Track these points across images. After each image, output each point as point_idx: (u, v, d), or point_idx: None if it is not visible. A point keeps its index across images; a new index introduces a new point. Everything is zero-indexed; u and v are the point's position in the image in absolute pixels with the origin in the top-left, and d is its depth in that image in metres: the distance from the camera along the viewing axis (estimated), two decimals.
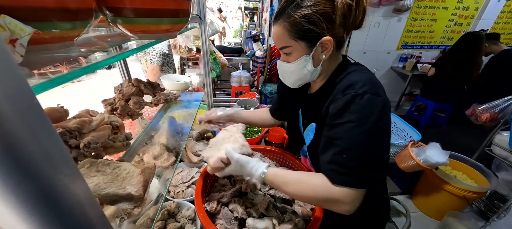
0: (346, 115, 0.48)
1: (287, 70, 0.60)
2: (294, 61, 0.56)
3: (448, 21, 2.90)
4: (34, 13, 0.24)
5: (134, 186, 0.40)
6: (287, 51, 0.56)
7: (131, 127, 0.99)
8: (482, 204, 1.55)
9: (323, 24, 0.50)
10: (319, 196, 0.49)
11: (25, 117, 0.13)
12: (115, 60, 0.35)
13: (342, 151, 0.47)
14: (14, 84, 0.12)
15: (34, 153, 0.13)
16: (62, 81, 0.21)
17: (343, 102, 0.49)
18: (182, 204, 0.85)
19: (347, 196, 0.47)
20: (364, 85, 0.49)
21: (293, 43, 0.53)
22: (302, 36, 0.52)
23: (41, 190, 0.14)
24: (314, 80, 0.63)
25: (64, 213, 0.15)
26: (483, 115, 1.51)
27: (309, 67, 0.56)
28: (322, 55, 0.55)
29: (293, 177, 0.54)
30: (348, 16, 0.50)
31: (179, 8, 0.44)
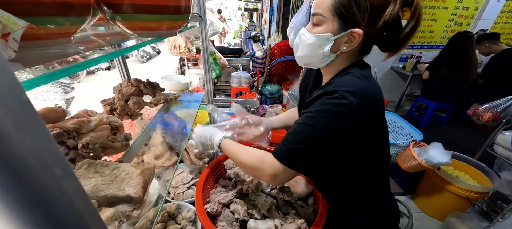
0: (312, 106, 0.51)
1: (305, 41, 0.56)
2: (317, 34, 0.53)
3: (448, 21, 2.90)
4: (28, 6, 0.23)
5: (133, 187, 0.39)
6: (318, 20, 0.52)
7: (131, 127, 0.97)
8: (484, 205, 1.53)
9: (365, 16, 0.47)
10: (252, 161, 0.57)
11: (14, 113, 0.12)
12: (112, 57, 0.34)
13: (292, 133, 0.52)
14: (2, 79, 0.11)
15: (24, 152, 0.12)
16: (55, 77, 0.20)
17: (314, 96, 0.52)
18: (182, 205, 0.84)
19: (273, 167, 0.53)
20: (340, 86, 0.48)
21: (329, 15, 0.50)
22: (340, 14, 0.49)
23: (32, 192, 0.13)
24: (324, 69, 0.63)
25: (57, 217, 0.14)
26: (485, 115, 1.50)
27: (326, 50, 0.53)
28: (343, 47, 0.52)
29: (241, 148, 0.63)
30: (391, 25, 0.48)
31: (180, 4, 0.43)
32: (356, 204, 0.66)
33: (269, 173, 0.54)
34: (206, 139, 0.70)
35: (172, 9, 0.42)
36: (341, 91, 0.47)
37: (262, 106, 2.14)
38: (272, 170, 0.53)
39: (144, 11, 0.38)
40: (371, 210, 0.66)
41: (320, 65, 0.59)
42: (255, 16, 6.85)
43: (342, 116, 0.47)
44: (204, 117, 1.61)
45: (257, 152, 0.59)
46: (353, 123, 0.48)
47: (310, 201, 0.74)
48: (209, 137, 0.70)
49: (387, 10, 0.46)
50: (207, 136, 0.70)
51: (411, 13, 0.48)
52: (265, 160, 0.55)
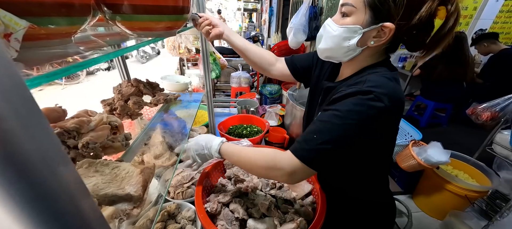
0: (339, 104, 0.47)
1: (330, 33, 0.53)
2: (344, 25, 0.50)
3: None
4: (29, 7, 0.23)
5: (133, 186, 0.39)
6: (347, 10, 0.49)
7: (130, 127, 0.98)
8: (483, 204, 1.54)
9: (400, 11, 0.44)
10: (266, 162, 0.52)
11: (19, 112, 0.12)
12: (112, 57, 0.35)
13: (315, 131, 0.48)
14: (6, 77, 0.12)
15: (28, 149, 0.12)
16: (57, 76, 0.21)
17: (344, 93, 0.47)
18: (182, 205, 0.84)
19: (292, 164, 0.49)
20: (373, 86, 0.45)
21: (360, 6, 0.47)
22: (373, 5, 0.46)
23: (35, 188, 0.13)
24: (345, 63, 0.59)
25: (59, 213, 0.15)
26: (484, 114, 1.51)
27: (352, 42, 0.50)
28: (371, 41, 0.49)
29: (246, 149, 0.58)
30: (422, 25, 0.46)
31: (179, 4, 0.44)
32: (357, 200, 0.66)
33: (287, 171, 0.49)
34: (203, 149, 0.65)
35: (171, 9, 0.43)
36: (376, 93, 0.44)
37: (262, 106, 2.14)
38: (290, 168, 0.49)
39: (143, 11, 0.39)
40: (370, 207, 0.67)
41: (343, 59, 0.55)
42: (255, 17, 6.86)
43: (374, 119, 0.44)
44: (204, 117, 1.61)
45: (267, 151, 0.55)
46: (382, 126, 0.47)
47: (309, 200, 0.75)
48: (205, 145, 0.65)
49: (425, 6, 0.44)
50: (202, 145, 0.65)
51: (450, 12, 0.45)
52: (280, 158, 0.51)
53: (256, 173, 0.61)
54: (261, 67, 0.83)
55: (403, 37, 0.49)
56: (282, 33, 4.02)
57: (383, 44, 0.50)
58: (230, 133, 1.59)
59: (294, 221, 0.65)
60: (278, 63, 0.83)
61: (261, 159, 0.54)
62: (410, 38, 0.49)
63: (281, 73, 0.82)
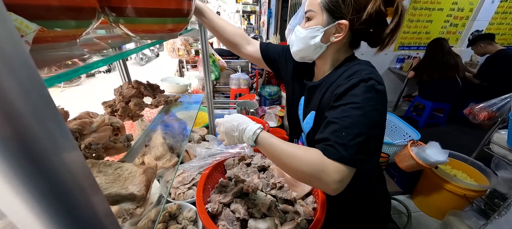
0: (349, 96, 0.50)
1: (299, 36, 0.62)
2: (308, 27, 0.58)
3: (444, 22, 2.94)
4: (39, 10, 0.24)
5: (136, 186, 0.40)
6: (309, 15, 0.58)
7: (131, 129, 0.98)
8: (482, 203, 1.55)
9: (350, 9, 0.53)
10: (311, 169, 0.47)
11: (37, 110, 0.13)
12: (118, 59, 0.35)
13: (341, 128, 0.47)
14: (28, 77, 0.12)
15: (47, 148, 0.13)
16: (72, 75, 0.21)
17: (347, 86, 0.51)
18: (183, 205, 0.85)
19: (339, 172, 0.46)
20: (369, 73, 0.52)
21: (318, 10, 0.56)
22: (328, 8, 0.55)
23: (52, 184, 0.14)
24: (318, 62, 0.67)
25: (75, 210, 0.15)
26: (481, 114, 1.53)
27: (317, 40, 0.58)
28: (333, 37, 0.58)
29: (287, 146, 0.51)
30: (375, 20, 0.54)
31: (182, 8, 0.45)
32: (356, 194, 0.67)
33: (335, 179, 0.45)
34: (234, 130, 0.57)
35: (173, 12, 0.43)
36: (374, 78, 0.50)
37: (261, 108, 2.15)
38: (338, 175, 0.45)
39: (146, 14, 0.40)
40: (369, 206, 0.67)
41: (314, 56, 0.63)
42: (253, 18, 6.89)
43: (382, 100, 0.50)
44: (204, 118, 1.62)
45: (317, 155, 0.48)
46: (386, 106, 0.51)
47: (310, 200, 0.75)
48: (237, 126, 0.56)
49: (369, 4, 0.52)
50: (234, 126, 0.57)
51: (394, 9, 0.54)
52: (328, 165, 0.46)
53: (296, 177, 0.54)
54: (230, 44, 0.85)
55: (361, 33, 0.58)
56: (280, 34, 4.04)
57: (344, 38, 0.57)
58: None
59: (294, 220, 0.65)
60: (251, 46, 0.86)
61: (308, 164, 0.47)
62: (368, 35, 0.59)
63: (251, 55, 0.85)
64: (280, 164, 0.54)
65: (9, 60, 0.11)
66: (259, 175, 0.84)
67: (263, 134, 0.54)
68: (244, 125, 0.56)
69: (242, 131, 0.56)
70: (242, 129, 0.56)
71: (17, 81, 0.12)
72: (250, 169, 0.86)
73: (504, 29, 3.15)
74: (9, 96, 0.11)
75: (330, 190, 0.47)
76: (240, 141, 0.57)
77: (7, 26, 0.12)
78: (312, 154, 0.49)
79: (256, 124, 0.56)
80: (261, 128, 0.55)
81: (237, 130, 0.57)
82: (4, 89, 0.11)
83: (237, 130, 0.57)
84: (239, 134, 0.56)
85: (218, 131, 0.62)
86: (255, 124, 0.56)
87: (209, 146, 1.04)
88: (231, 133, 0.58)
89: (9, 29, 0.12)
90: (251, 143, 0.54)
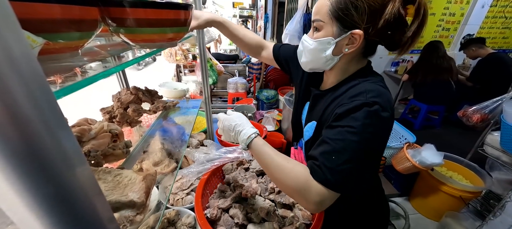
0: (349, 119, 0.46)
1: (307, 47, 0.57)
2: (318, 39, 0.53)
3: (436, 26, 3.01)
4: (43, 24, 0.25)
5: (136, 193, 0.40)
6: (318, 25, 0.53)
7: (130, 135, 0.98)
8: (478, 204, 1.57)
9: (364, 17, 0.47)
10: (294, 185, 0.47)
11: (46, 117, 0.13)
12: (120, 69, 0.36)
13: (333, 151, 0.46)
14: (37, 86, 0.13)
15: (54, 154, 0.14)
16: (81, 86, 0.22)
17: (349, 107, 0.47)
18: (182, 211, 0.84)
19: (320, 194, 0.45)
20: (375, 96, 0.47)
21: (327, 19, 0.51)
22: (338, 17, 0.49)
23: (58, 190, 0.15)
24: (327, 71, 0.62)
25: (79, 215, 0.16)
26: (474, 116, 1.56)
27: (328, 53, 0.53)
28: (345, 49, 0.52)
29: (278, 157, 0.51)
30: (392, 25, 0.48)
31: (181, 17, 0.46)
32: (354, 201, 0.68)
33: (315, 200, 0.45)
34: (230, 130, 0.58)
35: (173, 22, 0.44)
36: (381, 103, 0.46)
37: (259, 112, 2.16)
38: (319, 197, 0.45)
39: (147, 24, 0.41)
40: (368, 212, 0.68)
41: (325, 68, 0.58)
42: (250, 23, 6.96)
43: (384, 128, 0.47)
44: (202, 123, 1.62)
45: (303, 173, 0.48)
46: (389, 133, 0.49)
47: None
48: (234, 127, 0.57)
49: (387, 9, 0.46)
50: (232, 125, 0.58)
51: (415, 10, 0.47)
52: (312, 185, 0.46)
53: (281, 188, 0.56)
54: (250, 49, 0.87)
55: (377, 40, 0.51)
56: (277, 39, 4.09)
57: (358, 50, 0.52)
58: None
59: (293, 225, 0.66)
60: (267, 49, 0.87)
61: (293, 179, 0.48)
62: (386, 38, 0.51)
63: (266, 58, 0.87)
64: (268, 173, 0.54)
65: (24, 77, 0.12)
66: (258, 179, 0.84)
67: (257, 140, 0.54)
68: (240, 127, 0.57)
69: (238, 133, 0.57)
70: (238, 130, 0.57)
71: (32, 96, 0.12)
72: (248, 174, 0.86)
73: (494, 33, 3.24)
74: (21, 105, 0.12)
75: (310, 209, 0.48)
76: (235, 140, 0.59)
77: (23, 44, 0.12)
78: (299, 170, 0.48)
79: (253, 128, 0.56)
80: (256, 134, 0.55)
81: (234, 130, 0.58)
82: (18, 101, 0.12)
83: (233, 130, 0.58)
84: (235, 134, 0.58)
85: (218, 125, 0.63)
86: (252, 128, 0.56)
87: (207, 151, 1.04)
88: (228, 131, 0.59)
89: (25, 46, 0.13)
90: (243, 146, 0.55)
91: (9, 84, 0.12)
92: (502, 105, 1.40)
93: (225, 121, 0.60)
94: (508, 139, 1.23)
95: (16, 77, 0.12)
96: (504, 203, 1.06)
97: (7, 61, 0.12)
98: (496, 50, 2.86)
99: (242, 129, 0.56)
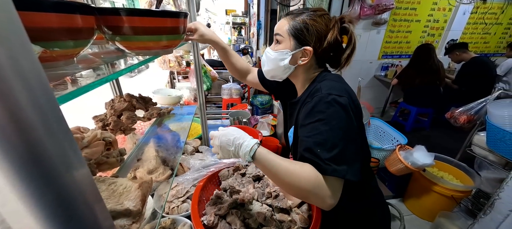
0: (314, 114, 0.53)
1: (269, 57, 0.67)
2: (278, 50, 0.64)
3: (422, 32, 3.14)
4: (40, 33, 0.25)
5: (132, 201, 0.39)
6: (278, 39, 0.64)
7: (123, 142, 0.96)
8: (469, 203, 1.61)
9: (313, 37, 0.60)
10: (309, 185, 0.48)
11: (50, 124, 0.14)
12: (116, 77, 0.36)
13: (315, 144, 0.50)
14: (42, 94, 0.13)
15: (57, 161, 0.14)
16: (80, 93, 0.22)
17: (311, 104, 0.55)
18: (177, 219, 0.83)
19: (330, 185, 0.48)
20: (330, 89, 0.55)
21: (286, 35, 0.62)
22: (294, 34, 0.61)
23: (59, 195, 0.15)
24: (295, 82, 0.73)
25: (77, 217, 0.16)
26: (461, 117, 1.62)
27: (285, 62, 0.64)
28: (300, 61, 0.63)
29: (285, 162, 0.51)
30: (334, 46, 0.62)
31: (177, 26, 0.46)
32: (349, 204, 0.68)
33: (328, 194, 0.48)
34: (230, 144, 0.55)
35: (169, 30, 0.45)
36: (334, 93, 0.54)
37: (253, 117, 2.16)
38: (331, 188, 0.48)
39: (142, 32, 0.41)
40: (363, 210, 0.69)
41: (283, 76, 0.69)
42: (244, 30, 7.05)
43: (345, 110, 0.52)
44: (196, 129, 1.61)
45: (312, 170, 0.49)
46: (352, 115, 0.53)
47: (304, 207, 0.76)
48: (234, 141, 0.55)
49: (328, 34, 0.60)
50: (230, 140, 0.55)
51: (348, 39, 0.63)
52: (321, 180, 0.48)
53: (292, 192, 0.54)
54: (240, 74, 0.96)
55: (324, 56, 0.65)
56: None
57: (310, 61, 0.63)
58: None
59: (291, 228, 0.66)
60: (252, 73, 0.96)
61: (306, 179, 0.48)
62: (329, 58, 0.67)
63: (252, 82, 0.96)
64: (276, 180, 0.53)
65: (31, 86, 0.13)
66: (254, 184, 0.84)
67: (260, 150, 0.53)
68: (241, 139, 0.55)
69: (239, 146, 0.54)
70: (239, 143, 0.54)
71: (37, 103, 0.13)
72: (245, 179, 0.86)
73: (476, 38, 3.42)
74: (27, 112, 0.12)
75: (326, 205, 0.49)
76: (235, 155, 0.56)
77: (31, 58, 0.13)
78: (307, 169, 0.50)
79: (253, 139, 0.55)
80: (258, 144, 0.54)
81: (233, 145, 0.55)
82: (24, 108, 0.12)
83: (233, 145, 0.55)
84: (235, 148, 0.55)
85: (212, 143, 0.60)
86: (252, 139, 0.55)
87: (202, 157, 1.03)
88: (226, 147, 0.56)
89: (33, 59, 0.13)
90: (247, 158, 0.53)
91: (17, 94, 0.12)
92: (486, 107, 1.46)
93: (222, 137, 0.57)
94: (493, 138, 1.29)
95: (24, 86, 0.12)
96: (493, 201, 1.09)
97: (15, 70, 0.12)
98: (478, 54, 3.01)
99: (243, 141, 0.54)
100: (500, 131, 1.21)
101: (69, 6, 0.28)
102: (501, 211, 1.06)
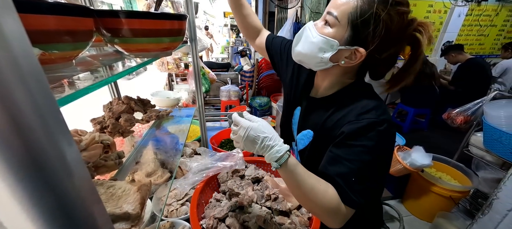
0: (362, 139, 0.47)
1: (309, 37, 0.52)
2: (323, 35, 0.49)
3: None
4: (39, 35, 0.25)
5: (131, 204, 0.39)
6: (331, 21, 0.49)
7: (122, 145, 0.95)
8: (467, 203, 1.62)
9: (376, 41, 0.46)
10: (329, 208, 0.47)
11: (49, 127, 0.13)
12: (114, 79, 0.36)
13: (351, 173, 0.47)
14: (41, 95, 0.13)
15: (55, 165, 0.14)
16: (80, 94, 0.22)
17: (360, 125, 0.48)
18: (176, 223, 0.82)
19: (347, 214, 0.48)
20: (382, 114, 0.49)
21: (344, 22, 0.47)
22: (356, 26, 0.46)
23: (59, 201, 0.14)
24: (320, 76, 0.61)
25: (79, 224, 0.16)
26: (458, 118, 1.63)
27: (326, 55, 0.50)
28: (342, 61, 0.51)
29: (311, 180, 0.48)
30: (390, 59, 0.52)
31: (176, 28, 0.46)
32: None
33: (342, 220, 0.48)
34: (256, 142, 0.47)
35: (168, 32, 0.45)
36: (387, 121, 0.48)
37: None
38: (345, 216, 0.48)
39: (142, 35, 0.41)
40: (362, 215, 0.69)
41: (314, 68, 0.56)
42: None
43: (393, 141, 0.50)
44: (195, 132, 1.60)
45: (336, 196, 0.47)
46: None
47: (304, 209, 0.76)
48: (263, 140, 0.47)
49: (398, 45, 0.49)
50: (259, 138, 0.47)
51: (412, 53, 0.51)
52: (341, 208, 0.47)
53: (308, 208, 0.52)
54: (248, 32, 0.84)
55: (369, 65, 0.55)
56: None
57: (352, 67, 0.52)
58: (222, 146, 1.58)
59: None
60: (261, 37, 0.83)
61: (328, 202, 0.47)
62: (374, 67, 0.55)
63: (259, 47, 0.83)
64: (296, 192, 0.50)
65: (31, 88, 0.12)
66: (253, 187, 0.84)
67: (291, 160, 0.48)
68: (271, 141, 0.47)
69: (267, 148, 0.47)
70: (268, 145, 0.47)
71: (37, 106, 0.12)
72: (244, 181, 0.85)
73: (471, 39, 3.47)
74: (27, 114, 0.12)
75: (334, 226, 0.49)
76: (258, 153, 0.49)
77: (32, 61, 0.13)
78: (332, 194, 0.48)
79: (284, 145, 0.48)
80: (288, 152, 0.48)
81: (262, 144, 0.47)
82: (24, 111, 0.12)
83: (261, 143, 0.47)
84: (263, 149, 0.48)
85: (235, 132, 0.50)
86: (283, 145, 0.48)
87: (201, 160, 1.02)
88: (252, 143, 0.48)
89: (34, 63, 0.13)
90: (275, 165, 0.47)
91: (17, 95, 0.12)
92: (482, 107, 1.48)
93: (251, 131, 0.47)
94: (490, 139, 1.30)
95: (23, 88, 0.12)
96: (491, 201, 1.10)
97: (15, 72, 0.12)
98: (474, 55, 3.05)
99: (274, 144, 0.47)
100: (496, 131, 1.22)
101: (68, 9, 0.28)
102: (499, 211, 1.06)
